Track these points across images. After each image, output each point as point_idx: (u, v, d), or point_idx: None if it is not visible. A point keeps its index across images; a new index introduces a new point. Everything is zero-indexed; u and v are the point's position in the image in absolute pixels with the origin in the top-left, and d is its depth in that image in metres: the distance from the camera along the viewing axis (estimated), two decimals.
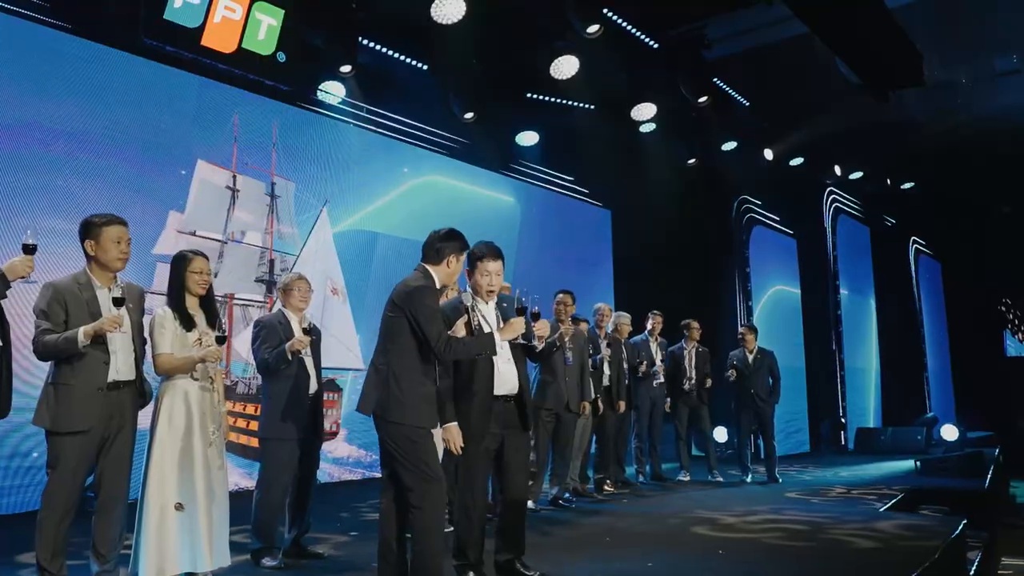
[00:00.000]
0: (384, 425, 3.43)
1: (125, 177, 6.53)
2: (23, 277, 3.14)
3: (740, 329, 8.50)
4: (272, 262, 7.42)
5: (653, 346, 8.12)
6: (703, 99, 8.77)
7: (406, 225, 8.65)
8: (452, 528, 3.97)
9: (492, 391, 3.72)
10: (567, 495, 6.59)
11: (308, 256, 7.68)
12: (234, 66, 7.16)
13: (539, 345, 3.87)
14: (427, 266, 3.59)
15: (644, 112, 9.78)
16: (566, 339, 6.14)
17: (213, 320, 3.86)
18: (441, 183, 9.46)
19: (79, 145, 6.29)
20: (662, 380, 8.08)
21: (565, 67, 8.53)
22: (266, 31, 7.30)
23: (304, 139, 7.98)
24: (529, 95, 9.59)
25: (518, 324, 3.58)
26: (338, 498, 6.71)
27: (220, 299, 6.90)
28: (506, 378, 3.79)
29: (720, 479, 8.11)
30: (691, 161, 10.75)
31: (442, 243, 3.59)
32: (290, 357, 4.23)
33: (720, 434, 10.47)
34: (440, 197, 9.35)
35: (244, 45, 7.16)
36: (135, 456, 3.69)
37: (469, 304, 3.72)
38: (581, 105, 9.85)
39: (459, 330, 3.60)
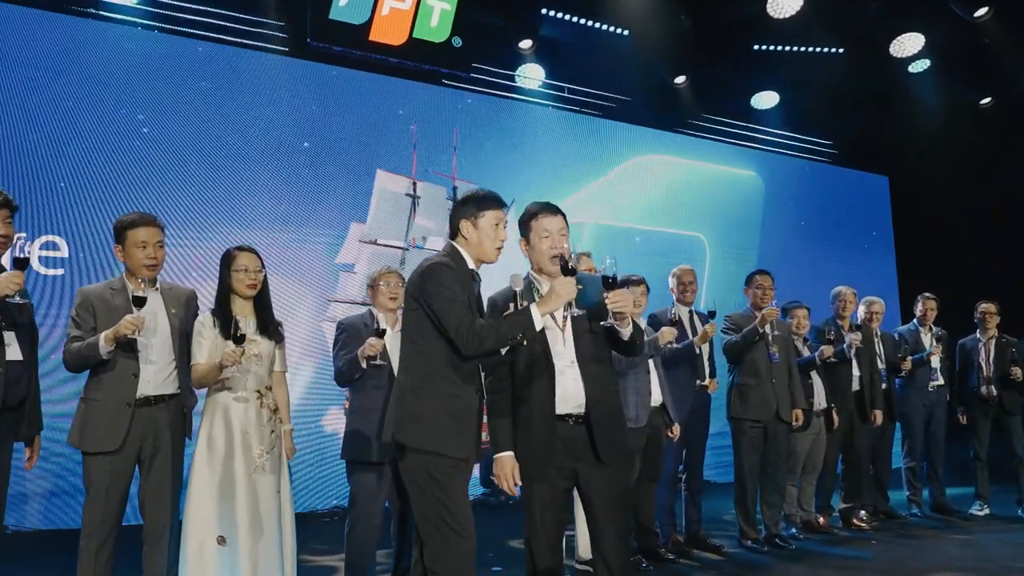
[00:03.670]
0: (399, 453, 2.60)
1: (306, 188, 6.50)
2: (8, 296, 2.80)
3: None
4: None
5: (925, 338, 6.33)
6: (982, 12, 6.65)
7: (620, 213, 7.94)
8: None
9: (553, 409, 2.68)
10: (792, 530, 5.20)
11: None
12: (405, 58, 6.84)
13: (621, 328, 2.69)
14: (451, 242, 2.73)
15: (909, 45, 7.85)
16: (767, 324, 4.83)
17: (267, 326, 3.34)
18: (660, 162, 8.44)
19: (262, 158, 6.34)
20: (941, 381, 6.26)
21: (785, 2, 6.98)
22: (439, 16, 6.95)
23: (489, 131, 7.43)
24: (757, 47, 8.11)
25: (564, 287, 2.47)
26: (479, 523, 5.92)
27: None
28: (569, 390, 2.70)
29: None
30: (985, 101, 8.38)
31: (454, 210, 2.73)
32: (363, 364, 3.58)
33: None
34: (661, 178, 8.41)
35: (415, 35, 6.88)
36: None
37: (519, 289, 2.73)
38: (825, 50, 8.16)
39: None
